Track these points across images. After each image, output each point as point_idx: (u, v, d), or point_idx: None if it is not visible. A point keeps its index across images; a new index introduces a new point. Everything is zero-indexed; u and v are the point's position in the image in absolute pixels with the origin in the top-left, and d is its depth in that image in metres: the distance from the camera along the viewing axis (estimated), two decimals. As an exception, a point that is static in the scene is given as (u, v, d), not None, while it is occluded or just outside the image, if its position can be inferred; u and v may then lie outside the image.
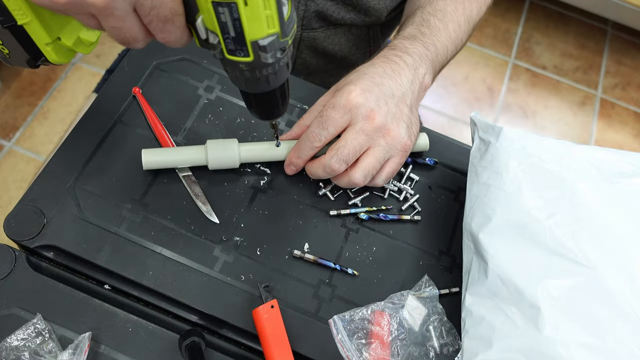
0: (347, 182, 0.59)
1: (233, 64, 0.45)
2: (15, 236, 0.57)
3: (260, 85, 0.48)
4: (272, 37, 0.43)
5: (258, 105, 0.52)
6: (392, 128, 0.58)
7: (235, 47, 0.43)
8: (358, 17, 0.81)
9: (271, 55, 0.44)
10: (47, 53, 0.50)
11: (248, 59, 0.44)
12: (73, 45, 0.50)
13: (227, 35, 0.42)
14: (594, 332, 0.47)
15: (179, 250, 0.58)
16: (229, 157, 0.61)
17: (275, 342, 0.53)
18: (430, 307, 0.58)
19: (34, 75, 1.73)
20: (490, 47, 2.06)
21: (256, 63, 0.44)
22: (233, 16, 0.41)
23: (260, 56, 0.44)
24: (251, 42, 0.42)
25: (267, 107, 0.52)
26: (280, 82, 0.49)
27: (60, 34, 0.49)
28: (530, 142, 0.58)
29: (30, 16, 0.46)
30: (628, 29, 2.14)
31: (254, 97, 0.51)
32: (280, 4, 0.42)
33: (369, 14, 0.80)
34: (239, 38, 0.42)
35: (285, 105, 0.53)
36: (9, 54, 0.50)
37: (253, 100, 0.51)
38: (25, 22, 0.46)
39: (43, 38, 0.48)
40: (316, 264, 0.60)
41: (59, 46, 0.50)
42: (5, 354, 0.50)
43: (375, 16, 0.81)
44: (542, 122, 1.93)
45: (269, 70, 0.46)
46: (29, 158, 1.59)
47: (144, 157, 0.60)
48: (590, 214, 0.53)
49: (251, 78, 0.46)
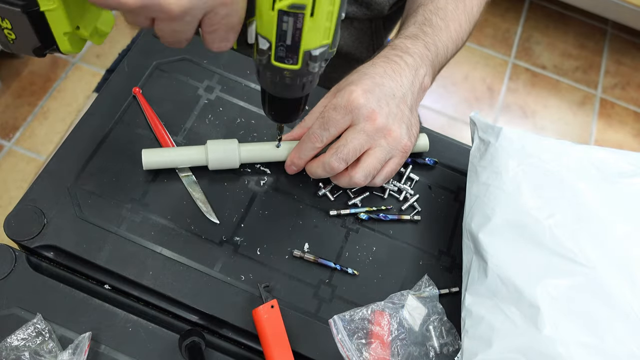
0: (347, 182, 0.59)
1: (276, 70, 0.45)
2: (15, 236, 0.57)
3: (293, 92, 0.48)
4: (324, 47, 0.43)
5: (280, 108, 0.52)
6: (393, 129, 0.58)
7: (286, 55, 0.43)
8: (360, 10, 0.81)
9: (318, 64, 0.44)
10: (62, 42, 0.48)
11: (295, 66, 0.44)
12: (89, 35, 0.49)
13: (282, 43, 0.42)
14: (593, 332, 0.47)
15: (179, 250, 0.58)
16: (229, 158, 0.61)
17: (275, 342, 0.53)
18: (430, 307, 0.58)
19: (34, 75, 1.73)
20: (490, 47, 2.06)
21: (302, 71, 0.44)
22: (296, 26, 0.41)
23: (308, 65, 0.44)
24: (304, 52, 0.43)
25: (287, 111, 0.53)
26: (311, 89, 0.49)
27: (80, 23, 0.48)
28: (530, 142, 0.58)
29: (57, 3, 0.44)
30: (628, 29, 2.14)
31: (280, 101, 0.51)
32: (340, 16, 0.42)
33: (371, 7, 0.80)
34: (294, 47, 0.42)
35: (304, 111, 0.54)
36: (14, 40, 0.47)
37: (277, 104, 0.51)
38: (50, 8, 0.44)
39: (63, 27, 0.46)
40: (316, 264, 0.60)
41: (74, 36, 0.48)
42: (5, 354, 0.50)
43: (378, 9, 0.81)
44: (542, 122, 1.93)
45: (309, 78, 0.46)
46: (29, 158, 1.59)
47: (144, 157, 0.60)
48: (590, 213, 0.53)
49: (289, 84, 0.47)
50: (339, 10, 0.41)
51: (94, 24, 0.49)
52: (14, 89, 1.70)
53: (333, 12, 0.41)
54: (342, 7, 0.42)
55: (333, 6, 0.40)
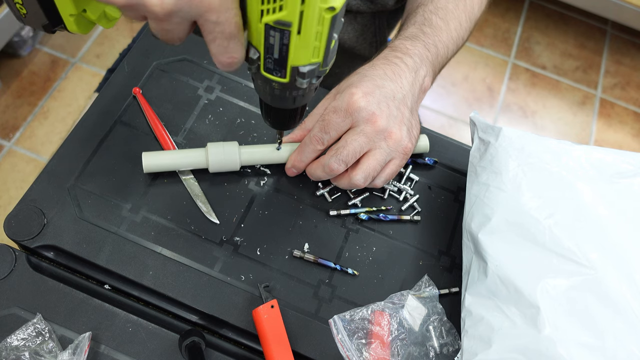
0: (347, 184, 0.60)
1: (266, 80, 0.45)
2: (15, 236, 0.57)
3: (285, 103, 0.48)
4: (313, 65, 0.43)
5: (275, 116, 0.52)
6: (393, 131, 0.58)
7: (274, 67, 0.43)
8: (364, 3, 0.81)
9: (307, 81, 0.44)
10: (69, 23, 0.48)
11: (283, 80, 0.44)
12: (97, 19, 0.49)
13: (270, 56, 0.42)
14: (593, 332, 0.47)
15: (179, 250, 0.58)
16: (230, 161, 0.61)
17: (275, 342, 0.53)
18: (430, 307, 0.58)
19: (34, 75, 1.73)
20: (490, 47, 2.06)
21: (290, 85, 0.44)
22: (282, 41, 0.41)
23: (296, 80, 0.44)
24: (292, 67, 0.43)
25: (283, 120, 0.53)
26: (305, 102, 0.49)
27: (87, 7, 0.48)
28: (530, 142, 0.58)
29: None
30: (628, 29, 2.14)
31: (274, 110, 0.51)
32: (331, 37, 0.42)
33: (375, 1, 0.80)
34: (281, 61, 0.42)
35: (301, 119, 0.54)
36: (26, 14, 0.48)
37: (272, 112, 0.52)
38: None
39: (69, 9, 0.47)
40: (316, 264, 0.60)
41: (82, 17, 0.49)
42: (5, 354, 0.50)
43: (381, 3, 0.81)
44: (542, 122, 1.93)
45: (299, 93, 0.46)
46: (29, 158, 1.59)
47: (144, 160, 0.60)
48: (589, 213, 0.53)
49: (279, 95, 0.47)
50: (330, 31, 0.41)
51: (102, 8, 0.50)
52: (14, 89, 1.70)
53: (322, 32, 0.40)
54: (334, 28, 0.41)
55: (322, 27, 0.40)
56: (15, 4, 0.47)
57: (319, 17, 0.39)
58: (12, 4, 0.47)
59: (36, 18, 0.48)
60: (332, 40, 0.42)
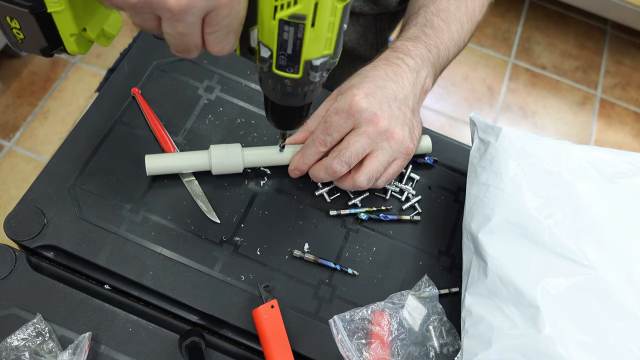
0: (351, 186, 0.60)
1: (278, 78, 0.45)
2: (15, 236, 0.57)
3: (295, 100, 0.48)
4: (325, 58, 0.43)
5: (282, 116, 0.52)
6: (396, 131, 0.58)
7: (287, 64, 0.43)
8: (367, 5, 0.81)
9: (319, 74, 0.44)
10: (69, 44, 0.48)
11: (296, 75, 0.44)
12: (96, 37, 0.49)
13: (283, 52, 0.42)
14: (593, 332, 0.47)
15: (179, 250, 0.58)
16: (233, 163, 0.61)
17: (275, 342, 0.53)
18: (430, 307, 0.58)
19: (34, 75, 1.73)
20: (490, 47, 2.06)
21: (303, 80, 0.44)
22: (296, 35, 0.41)
23: (309, 75, 0.44)
24: (305, 61, 0.43)
25: (289, 119, 0.53)
26: (314, 97, 0.49)
27: (87, 25, 0.48)
28: (530, 142, 0.58)
29: (64, 5, 0.44)
30: (628, 29, 2.14)
31: (282, 109, 0.51)
32: (342, 28, 0.42)
33: (378, 3, 0.80)
34: (294, 56, 0.42)
35: (306, 118, 0.54)
36: (22, 40, 0.48)
37: (279, 111, 0.51)
38: (57, 10, 0.45)
39: (70, 28, 0.47)
40: (316, 264, 0.60)
41: (81, 37, 0.49)
42: (5, 354, 0.50)
43: (384, 5, 0.81)
44: (542, 122, 1.93)
45: (310, 87, 0.46)
46: (29, 158, 1.60)
47: (147, 163, 0.60)
48: (589, 213, 0.53)
49: (291, 93, 0.47)
50: (341, 22, 0.41)
51: (101, 26, 0.50)
52: (14, 89, 1.70)
53: (334, 23, 0.41)
54: (344, 18, 0.42)
55: (334, 17, 0.40)
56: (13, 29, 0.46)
57: (332, 7, 0.39)
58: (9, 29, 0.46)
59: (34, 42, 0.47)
60: (342, 31, 0.43)
